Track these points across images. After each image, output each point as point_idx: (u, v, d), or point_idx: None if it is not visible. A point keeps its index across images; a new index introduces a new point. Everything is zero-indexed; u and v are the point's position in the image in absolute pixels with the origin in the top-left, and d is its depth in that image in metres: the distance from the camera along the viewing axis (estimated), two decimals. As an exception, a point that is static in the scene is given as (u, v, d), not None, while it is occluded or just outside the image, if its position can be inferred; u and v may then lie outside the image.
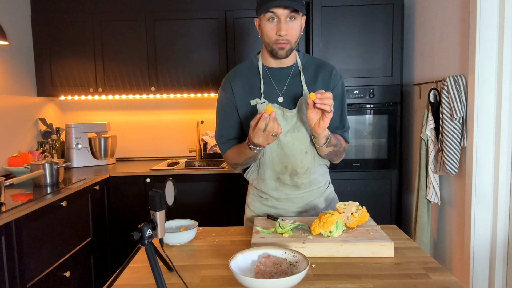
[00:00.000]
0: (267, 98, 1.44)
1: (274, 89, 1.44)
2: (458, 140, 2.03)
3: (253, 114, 1.43)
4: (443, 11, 2.28)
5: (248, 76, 1.47)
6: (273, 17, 1.31)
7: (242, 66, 1.52)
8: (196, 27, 2.88)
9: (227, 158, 1.52)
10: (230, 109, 1.49)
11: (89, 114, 3.34)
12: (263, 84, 1.44)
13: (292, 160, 1.44)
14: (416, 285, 0.97)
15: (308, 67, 1.46)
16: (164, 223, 0.96)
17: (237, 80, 1.47)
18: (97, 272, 2.52)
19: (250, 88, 1.45)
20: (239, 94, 1.46)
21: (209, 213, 2.74)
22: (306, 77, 1.45)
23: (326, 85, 1.45)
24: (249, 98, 1.44)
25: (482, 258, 1.97)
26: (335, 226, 1.19)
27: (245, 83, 1.46)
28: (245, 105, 1.45)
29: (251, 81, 1.46)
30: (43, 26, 2.92)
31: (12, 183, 1.95)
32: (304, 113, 1.40)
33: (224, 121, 1.51)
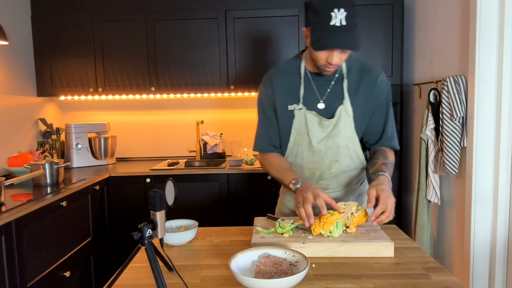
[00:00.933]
0: (306, 104, 1.38)
1: (315, 95, 1.38)
2: (458, 140, 2.03)
3: (289, 119, 1.40)
4: (443, 11, 2.28)
5: (290, 76, 1.41)
6: None
7: (285, 65, 1.44)
8: (196, 27, 2.88)
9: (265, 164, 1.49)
10: (270, 109, 1.45)
11: (89, 114, 3.34)
12: (304, 89, 1.39)
13: (321, 166, 1.43)
14: (416, 285, 0.97)
15: (353, 71, 1.38)
16: (164, 223, 0.96)
17: (279, 79, 1.42)
18: (97, 272, 2.52)
19: (290, 91, 1.40)
20: (279, 94, 1.41)
21: (209, 213, 2.74)
22: (349, 83, 1.37)
23: (369, 94, 1.37)
24: (287, 102, 1.40)
25: (482, 258, 1.97)
26: (335, 226, 1.19)
27: (286, 84, 1.41)
28: (283, 108, 1.41)
29: (292, 83, 1.40)
30: (43, 26, 2.92)
31: (12, 183, 1.95)
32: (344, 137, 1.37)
33: (267, 124, 1.48)
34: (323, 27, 1.17)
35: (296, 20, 2.84)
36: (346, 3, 1.15)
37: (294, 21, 2.84)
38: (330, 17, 1.14)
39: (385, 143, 1.44)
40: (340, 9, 1.14)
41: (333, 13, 1.14)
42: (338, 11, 1.14)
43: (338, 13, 1.14)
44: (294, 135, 1.42)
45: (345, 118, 1.37)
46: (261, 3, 2.96)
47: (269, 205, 2.70)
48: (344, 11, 1.14)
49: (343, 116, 1.36)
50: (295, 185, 1.30)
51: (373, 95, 1.38)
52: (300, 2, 2.99)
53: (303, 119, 1.39)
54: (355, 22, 1.16)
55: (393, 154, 1.46)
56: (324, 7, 1.16)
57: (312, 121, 1.37)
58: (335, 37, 1.16)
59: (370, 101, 1.38)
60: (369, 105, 1.39)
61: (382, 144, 1.45)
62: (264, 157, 1.51)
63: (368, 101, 1.38)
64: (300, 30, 2.85)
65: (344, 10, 1.14)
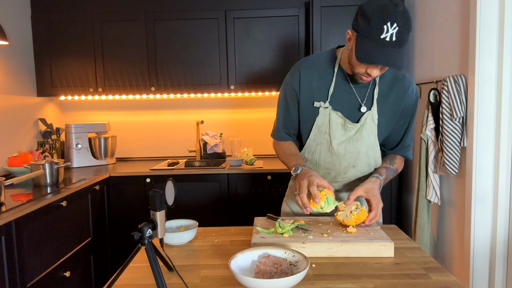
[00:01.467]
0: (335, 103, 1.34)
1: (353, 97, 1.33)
2: (458, 140, 2.03)
3: (313, 116, 1.36)
4: (443, 11, 2.28)
5: (321, 72, 1.34)
6: None
7: (318, 58, 1.37)
8: (196, 27, 2.88)
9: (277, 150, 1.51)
10: (293, 101, 1.39)
11: (89, 114, 3.34)
12: (335, 88, 1.33)
13: (338, 169, 1.41)
14: (416, 285, 0.97)
15: (385, 78, 1.34)
16: (164, 223, 0.96)
17: (308, 72, 1.34)
18: (97, 272, 2.52)
19: (319, 87, 1.34)
20: (305, 88, 1.35)
21: (209, 213, 2.74)
22: (380, 89, 1.34)
23: (398, 102, 1.34)
24: (314, 98, 1.34)
25: (482, 258, 1.97)
26: (325, 202, 1.20)
27: (315, 78, 1.34)
28: (308, 103, 1.36)
29: (322, 79, 1.34)
30: (43, 26, 2.92)
31: (12, 183, 1.95)
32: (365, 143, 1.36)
33: (285, 115, 1.43)
34: (373, 38, 1.09)
35: (296, 20, 2.84)
36: (401, 18, 1.08)
37: (294, 21, 2.84)
38: (382, 30, 1.07)
39: (400, 151, 1.45)
40: (394, 24, 1.07)
41: (385, 26, 1.07)
42: (391, 26, 1.07)
43: (391, 27, 1.07)
44: (315, 132, 1.38)
45: (369, 125, 1.34)
46: (261, 3, 2.96)
47: (269, 205, 2.70)
48: (397, 26, 1.07)
49: (368, 122, 1.33)
50: (295, 171, 1.31)
51: (401, 104, 1.35)
52: (300, 2, 2.99)
53: (327, 118, 1.34)
54: (405, 39, 1.10)
55: (402, 162, 1.45)
56: (377, 18, 1.08)
57: (336, 122, 1.33)
58: (382, 53, 1.09)
59: (397, 109, 1.36)
60: (395, 114, 1.36)
61: (397, 151, 1.45)
62: (279, 144, 1.51)
63: (396, 109, 1.36)
64: (300, 30, 2.85)
65: (397, 25, 1.07)
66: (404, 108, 1.37)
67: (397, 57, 1.10)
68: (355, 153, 1.37)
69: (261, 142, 3.28)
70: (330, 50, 1.39)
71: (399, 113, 1.37)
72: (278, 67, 2.88)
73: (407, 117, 1.39)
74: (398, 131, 1.41)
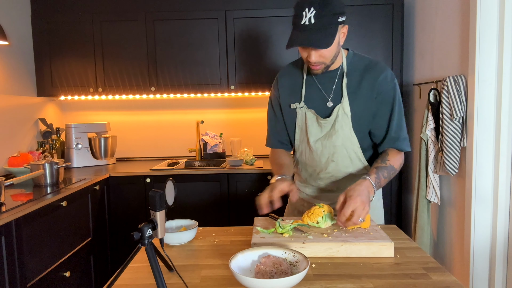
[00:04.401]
0: (309, 102, 1.41)
1: (321, 94, 1.40)
2: (458, 140, 2.03)
3: (293, 117, 1.45)
4: (443, 11, 2.28)
5: (294, 76, 1.46)
6: None
7: (291, 65, 1.50)
8: (196, 27, 2.88)
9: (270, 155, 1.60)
10: (277, 107, 1.51)
11: (89, 114, 3.34)
12: (306, 87, 1.42)
13: (319, 165, 1.45)
14: (416, 285, 0.97)
15: (354, 69, 1.36)
16: (164, 223, 0.96)
17: (284, 79, 1.48)
18: (97, 272, 2.52)
19: (293, 90, 1.45)
20: (284, 93, 1.47)
21: (209, 213, 2.74)
22: (350, 82, 1.35)
23: (370, 93, 1.34)
24: (290, 101, 1.45)
25: (482, 258, 1.97)
26: (322, 218, 1.24)
27: (289, 83, 1.46)
28: (287, 107, 1.46)
29: (295, 82, 1.45)
30: (43, 26, 2.92)
31: (12, 183, 1.95)
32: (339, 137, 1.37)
33: (273, 122, 1.55)
34: (295, 26, 1.22)
35: (296, 20, 2.84)
36: (317, 2, 1.17)
37: (294, 21, 2.84)
38: (302, 16, 1.18)
39: (389, 144, 1.38)
40: (311, 8, 1.17)
41: (304, 12, 1.18)
42: (309, 11, 1.17)
43: (309, 12, 1.17)
44: (298, 132, 1.47)
45: (342, 118, 1.35)
46: (261, 3, 2.96)
47: (269, 205, 2.69)
48: (314, 10, 1.17)
49: (340, 115, 1.35)
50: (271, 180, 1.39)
51: (373, 93, 1.34)
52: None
53: (303, 117, 1.42)
54: (327, 21, 1.18)
55: (397, 157, 1.37)
56: (298, 7, 1.21)
57: (311, 120, 1.40)
58: (301, 35, 1.19)
59: (371, 99, 1.35)
60: (371, 104, 1.35)
61: (386, 145, 1.39)
62: (272, 152, 1.59)
63: (370, 100, 1.35)
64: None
65: (314, 8, 1.17)
66: (378, 97, 1.34)
67: (319, 37, 1.18)
68: (332, 147, 1.39)
69: (261, 142, 3.26)
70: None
71: (376, 103, 1.35)
72: (278, 67, 2.88)
73: (386, 105, 1.35)
74: (381, 123, 1.37)
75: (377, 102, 1.35)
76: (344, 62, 1.37)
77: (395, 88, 1.36)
